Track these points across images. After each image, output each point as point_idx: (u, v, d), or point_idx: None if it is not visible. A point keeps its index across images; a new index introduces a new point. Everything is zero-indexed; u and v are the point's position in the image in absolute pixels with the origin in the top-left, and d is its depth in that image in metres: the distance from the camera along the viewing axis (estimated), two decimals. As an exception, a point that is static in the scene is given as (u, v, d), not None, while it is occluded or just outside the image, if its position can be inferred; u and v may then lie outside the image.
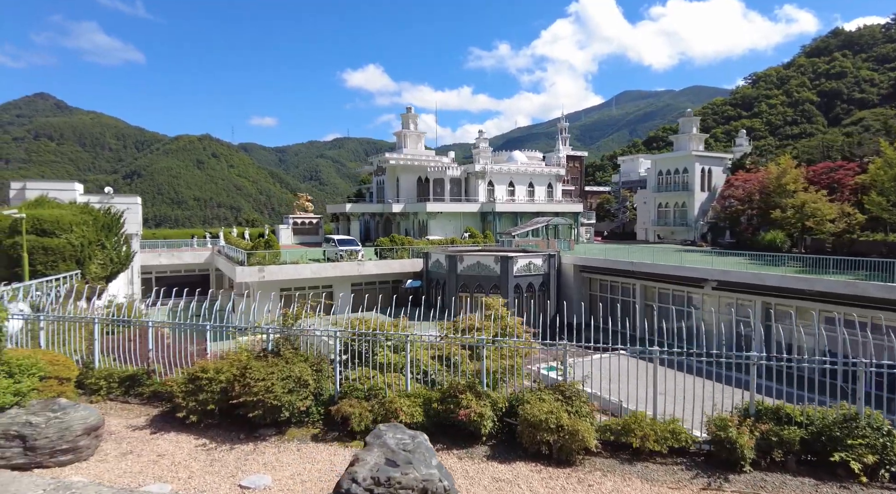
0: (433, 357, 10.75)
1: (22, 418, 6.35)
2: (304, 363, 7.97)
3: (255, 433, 7.51)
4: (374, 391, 7.91)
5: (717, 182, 58.77)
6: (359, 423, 7.26)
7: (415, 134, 56.85)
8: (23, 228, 18.80)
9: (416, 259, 36.84)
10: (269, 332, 8.51)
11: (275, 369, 7.61)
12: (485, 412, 7.04)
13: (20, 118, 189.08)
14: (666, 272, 28.69)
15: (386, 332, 8.93)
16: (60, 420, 6.39)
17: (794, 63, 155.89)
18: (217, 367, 7.73)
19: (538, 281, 31.83)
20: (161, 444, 7.13)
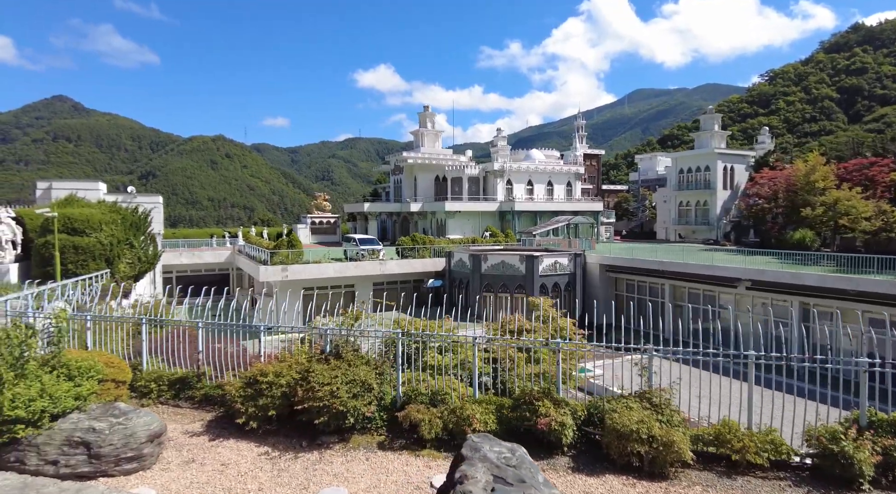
0: (486, 360, 10.37)
1: (85, 423, 6.03)
2: (366, 366, 7.58)
3: (317, 440, 7.14)
4: (439, 397, 7.49)
5: (740, 180, 57.62)
6: (429, 431, 6.84)
7: (432, 133, 56.46)
8: (55, 227, 18.71)
9: (438, 259, 36.46)
10: (327, 333, 8.13)
11: (338, 372, 7.23)
12: (566, 421, 6.59)
13: (39, 120, 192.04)
14: (697, 272, 27.97)
15: (442, 333, 8.50)
16: (124, 427, 6.06)
17: (813, 59, 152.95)
18: (276, 370, 7.37)
19: (564, 281, 31.26)
20: (222, 452, 6.77)
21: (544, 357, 9.33)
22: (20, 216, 20.35)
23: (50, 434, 5.89)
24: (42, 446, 5.80)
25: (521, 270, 30.41)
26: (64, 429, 5.95)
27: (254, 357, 8.47)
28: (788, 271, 24.25)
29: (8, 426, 5.73)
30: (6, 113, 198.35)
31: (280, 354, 8.16)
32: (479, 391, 7.89)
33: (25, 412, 5.77)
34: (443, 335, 9.00)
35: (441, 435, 6.95)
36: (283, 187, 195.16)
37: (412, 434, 7.18)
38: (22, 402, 5.80)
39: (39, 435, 5.85)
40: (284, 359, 7.86)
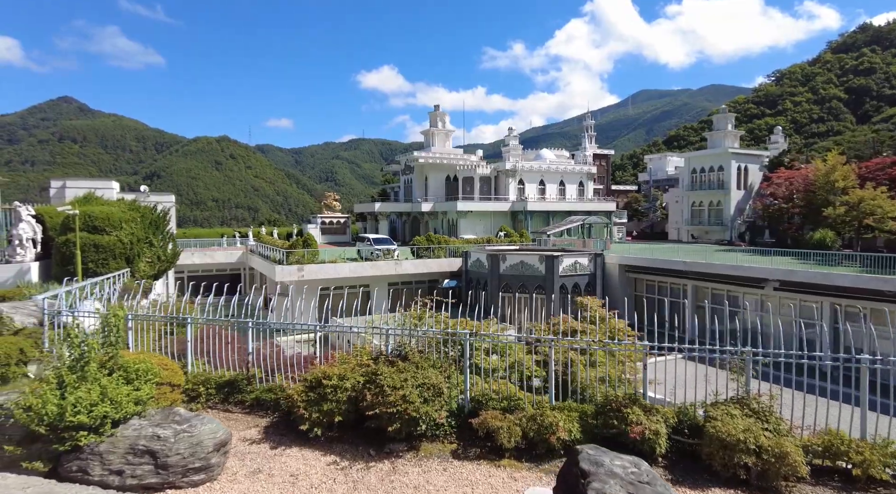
0: (538, 363, 9.91)
1: (148, 431, 5.58)
2: (434, 369, 7.11)
3: (384, 448, 6.68)
4: (513, 402, 7.03)
5: (754, 180, 57.07)
6: (508, 439, 6.37)
7: (443, 132, 56.04)
8: (76, 224, 18.30)
9: (454, 258, 36.02)
10: (387, 333, 7.67)
11: (406, 375, 6.77)
12: (660, 429, 6.11)
13: (45, 121, 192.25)
14: (722, 272, 27.43)
15: (507, 334, 8.03)
16: (190, 435, 5.61)
17: (820, 59, 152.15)
18: (339, 372, 6.91)
19: (584, 281, 30.75)
20: (288, 462, 6.32)
21: (601, 360, 8.87)
22: (40, 214, 19.96)
23: (113, 442, 5.44)
24: (105, 454, 5.36)
25: (541, 270, 29.92)
26: (127, 436, 5.50)
27: (308, 359, 8.02)
28: (820, 271, 23.70)
29: (70, 432, 5.29)
30: (12, 114, 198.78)
31: (339, 355, 7.70)
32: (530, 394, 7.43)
33: (88, 418, 5.33)
34: (514, 336, 8.55)
35: (519, 443, 6.48)
36: (288, 188, 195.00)
37: (485, 442, 6.72)
38: (84, 407, 5.36)
39: (102, 443, 5.41)
40: (347, 360, 7.40)
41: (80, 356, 5.55)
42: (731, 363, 6.75)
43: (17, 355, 8.38)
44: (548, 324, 11.08)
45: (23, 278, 17.92)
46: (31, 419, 5.17)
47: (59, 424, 5.24)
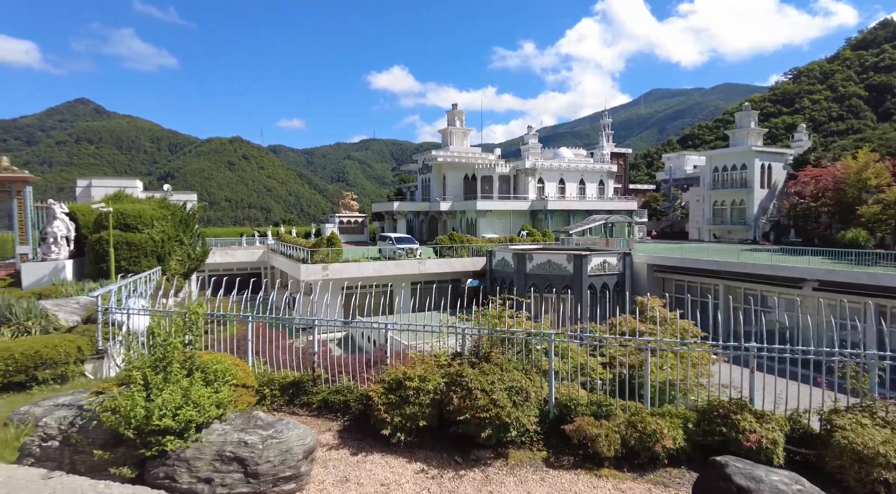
0: (604, 365, 9.46)
1: (234, 436, 5.21)
2: (519, 372, 6.69)
3: (470, 455, 6.26)
4: (603, 407, 6.57)
5: (778, 179, 55.96)
6: (608, 447, 5.92)
7: (461, 131, 55.63)
8: (110, 222, 18.16)
9: (477, 258, 35.60)
10: (464, 333, 7.25)
11: (493, 377, 6.35)
12: (777, 438, 5.63)
13: (62, 123, 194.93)
14: (757, 272, 26.70)
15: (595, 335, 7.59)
16: (278, 441, 5.23)
17: (839, 56, 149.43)
18: (420, 374, 6.51)
19: (612, 281, 30.16)
20: (374, 469, 5.92)
21: (671, 362, 8.40)
22: (73, 212, 19.88)
23: (199, 448, 5.08)
24: (192, 461, 4.99)
25: (569, 269, 29.38)
26: (213, 442, 5.14)
27: (379, 357, 7.63)
28: (865, 271, 22.92)
29: (156, 437, 4.94)
30: (31, 116, 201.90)
31: (412, 355, 7.30)
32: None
33: (174, 422, 4.97)
34: (609, 336, 8.09)
35: (619, 451, 6.03)
36: (300, 188, 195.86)
37: (577, 449, 6.27)
38: (170, 410, 5.00)
39: (188, 449, 5.04)
40: (423, 361, 6.99)
41: (163, 355, 5.20)
42: (842, 367, 6.23)
43: (75, 353, 8.11)
44: (606, 324, 10.63)
45: (58, 276, 17.81)
46: (119, 421, 4.82)
47: (145, 428, 4.89)
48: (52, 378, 7.69)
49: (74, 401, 6.58)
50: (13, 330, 10.92)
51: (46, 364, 7.49)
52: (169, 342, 5.24)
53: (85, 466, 5.04)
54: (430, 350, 7.43)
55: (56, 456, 5.08)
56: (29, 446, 5.10)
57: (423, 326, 7.37)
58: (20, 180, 20.62)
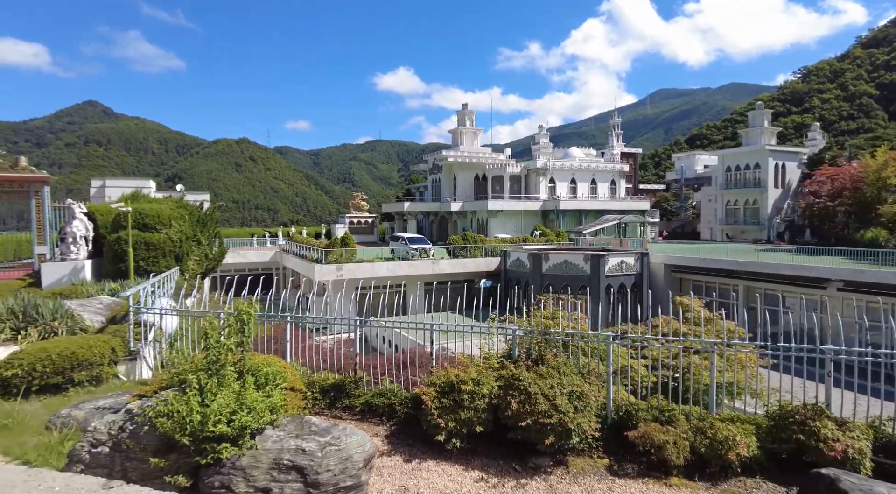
0: (647, 367, 9.16)
1: (290, 443, 4.95)
2: (576, 376, 6.39)
3: (528, 463, 5.97)
4: (665, 412, 6.27)
5: (792, 178, 55.31)
6: (677, 455, 5.62)
7: (471, 131, 55.34)
8: (129, 222, 18.01)
9: (491, 258, 35.29)
10: (514, 333, 6.97)
11: (552, 381, 6.06)
12: (864, 447, 5.30)
13: (71, 125, 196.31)
14: (779, 272, 26.24)
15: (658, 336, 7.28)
16: (337, 448, 4.96)
17: (850, 55, 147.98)
18: (474, 377, 6.22)
19: (630, 282, 29.76)
20: (431, 477, 5.64)
21: (718, 364, 8.08)
22: (91, 212, 19.76)
23: (254, 455, 4.82)
24: (248, 469, 4.73)
25: (586, 270, 29.01)
26: (269, 450, 4.87)
27: (424, 359, 7.35)
28: (893, 271, 22.41)
29: (211, 444, 4.68)
30: (41, 118, 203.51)
31: (458, 357, 7.02)
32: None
33: (229, 428, 4.72)
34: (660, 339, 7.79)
35: (690, 459, 5.71)
36: (306, 190, 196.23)
37: (640, 456, 5.97)
38: (224, 415, 4.75)
39: (243, 456, 4.79)
40: (472, 363, 6.71)
41: (216, 357, 4.95)
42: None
43: (109, 354, 7.89)
44: (645, 325, 10.31)
45: (77, 276, 17.68)
46: (174, 427, 4.57)
47: (200, 434, 4.64)
48: (86, 380, 7.47)
49: (114, 404, 6.35)
50: (40, 330, 10.75)
51: (82, 366, 7.27)
52: (222, 343, 4.99)
53: (137, 474, 4.80)
54: (462, 351, 7.14)
55: (106, 463, 4.84)
56: (78, 452, 4.86)
57: (469, 327, 7.08)
58: (38, 181, 20.53)
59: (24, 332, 10.66)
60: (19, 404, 6.48)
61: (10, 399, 6.67)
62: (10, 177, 19.63)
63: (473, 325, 7.12)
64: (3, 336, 10.50)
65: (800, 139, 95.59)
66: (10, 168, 20.12)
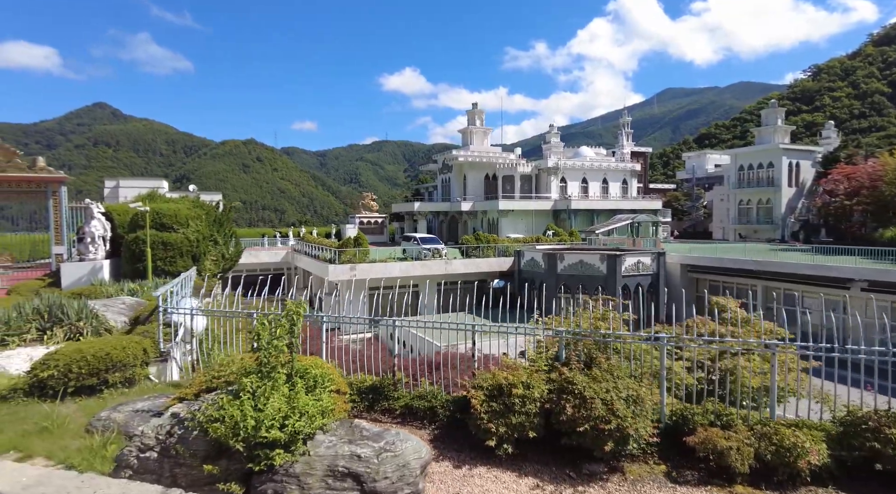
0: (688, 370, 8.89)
1: (344, 449, 4.75)
2: (630, 379, 6.15)
3: (582, 469, 5.74)
4: (722, 417, 6.01)
5: (806, 177, 54.65)
6: (742, 462, 5.37)
7: (481, 131, 55.10)
8: (147, 222, 17.93)
9: (504, 258, 35.03)
10: (563, 335, 6.73)
11: (607, 385, 5.82)
12: (943, 453, 5.03)
13: (81, 127, 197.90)
14: (800, 272, 25.78)
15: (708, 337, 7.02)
16: (393, 454, 4.75)
17: (861, 53, 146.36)
18: (524, 380, 6.00)
19: (646, 282, 29.39)
20: (484, 484, 5.43)
21: (755, 367, 7.81)
22: (109, 212, 19.72)
23: (308, 462, 4.62)
24: (302, 477, 4.54)
25: (602, 270, 28.69)
26: (322, 456, 4.68)
27: (464, 362, 7.14)
28: (920, 270, 21.95)
29: (264, 450, 4.49)
30: (51, 120, 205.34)
31: (501, 359, 6.80)
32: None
33: (283, 433, 4.52)
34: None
35: (755, 466, 5.46)
36: (313, 190, 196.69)
37: (699, 463, 5.72)
38: (277, 420, 4.56)
39: (296, 463, 4.60)
40: (516, 367, 6.48)
41: (268, 359, 4.76)
42: None
43: (141, 355, 7.74)
44: (681, 326, 10.04)
45: (96, 276, 17.63)
46: (227, 433, 4.39)
47: (253, 439, 4.45)
48: (120, 382, 7.32)
49: (152, 407, 6.18)
50: (65, 331, 10.64)
51: (116, 367, 7.12)
52: (273, 344, 4.79)
53: (186, 480, 4.62)
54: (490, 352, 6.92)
55: (155, 469, 4.66)
56: (126, 457, 4.68)
57: (514, 328, 6.85)
58: (56, 181, 20.53)
59: (50, 332, 10.56)
60: (56, 406, 6.33)
61: (46, 401, 6.53)
62: (29, 177, 19.63)
63: (517, 326, 6.90)
64: (29, 337, 10.41)
65: (810, 138, 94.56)
66: (27, 168, 20.12)
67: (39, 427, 5.69)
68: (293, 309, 5.08)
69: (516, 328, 6.93)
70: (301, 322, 5.20)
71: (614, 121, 79.32)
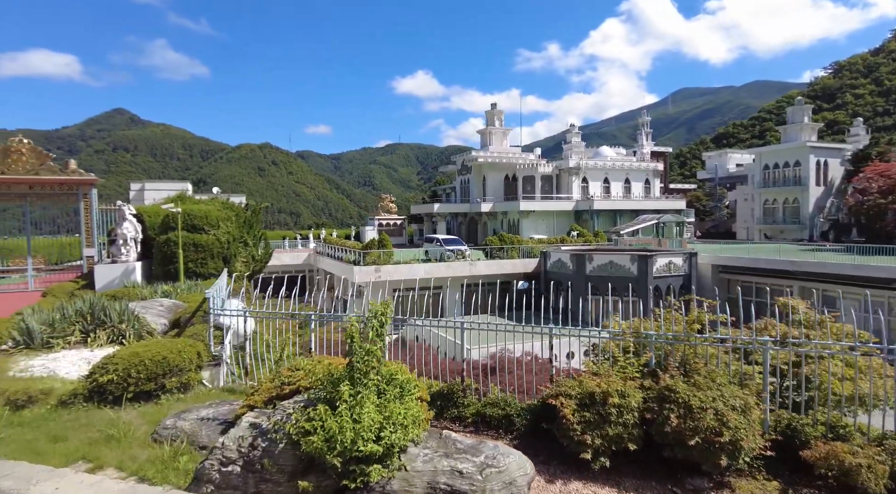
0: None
1: (443, 464, 4.32)
2: (733, 386, 5.64)
3: (685, 484, 5.25)
4: (836, 429, 5.48)
5: (835, 175, 53.22)
6: (875, 481, 4.82)
7: (500, 131, 54.62)
8: (178, 223, 17.79)
9: (528, 259, 34.48)
10: (653, 340, 6.24)
11: (712, 394, 5.32)
12: None
13: (100, 133, 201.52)
14: (841, 272, 24.83)
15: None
16: (498, 470, 4.32)
17: (884, 48, 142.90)
18: (620, 389, 5.52)
19: (678, 283, 28.61)
20: (584, 500, 4.96)
21: (835, 370, 7.22)
22: (140, 214, 19.64)
23: (406, 478, 4.21)
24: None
25: (633, 271, 27.99)
26: (421, 471, 4.26)
27: (541, 365, 6.68)
28: (974, 270, 20.97)
29: (360, 465, 4.08)
30: (72, 127, 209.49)
31: (585, 364, 6.34)
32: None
33: (379, 446, 4.12)
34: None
35: (889, 487, 4.92)
36: (328, 193, 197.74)
37: (816, 480, 5.19)
38: (373, 431, 4.15)
39: (392, 479, 4.18)
40: (603, 372, 6.01)
41: (362, 366, 4.35)
42: None
43: (195, 360, 7.41)
44: (748, 328, 9.45)
45: (128, 278, 17.52)
46: (322, 447, 3.99)
47: (349, 454, 4.05)
48: (175, 387, 6.99)
49: (216, 415, 5.83)
50: (108, 333, 10.41)
51: (173, 372, 6.81)
52: (366, 348, 4.39)
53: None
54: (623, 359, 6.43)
55: (238, 484, 4.29)
56: (207, 471, 4.31)
57: (598, 331, 6.37)
58: (87, 183, 20.52)
59: (93, 334, 10.34)
60: (117, 412, 6.01)
61: (105, 406, 6.22)
62: (62, 179, 19.64)
63: (601, 328, 6.42)
64: (73, 339, 10.19)
65: (831, 137, 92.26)
66: (60, 171, 20.15)
67: (105, 435, 5.36)
68: (381, 310, 4.67)
69: (598, 331, 6.46)
70: (388, 325, 4.79)
71: (628, 121, 78.30)
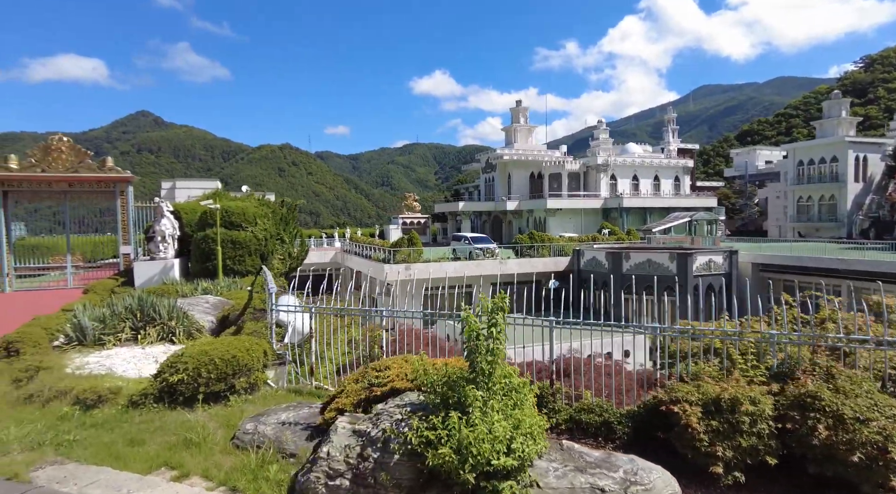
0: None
1: (578, 480, 3.78)
2: (879, 392, 4.99)
3: (829, 503, 4.60)
4: None
5: (874, 171, 51.14)
6: None
7: (525, 128, 53.86)
8: (217, 219, 17.59)
9: (559, 257, 33.76)
10: (774, 340, 5.61)
11: (863, 401, 4.68)
12: None
13: (125, 134, 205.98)
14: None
15: None
16: (644, 487, 3.77)
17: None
18: (752, 395, 4.91)
19: (718, 282, 27.58)
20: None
21: None
22: (177, 210, 19.52)
23: (540, 496, 3.68)
24: (537, 516, 3.60)
25: (672, 269, 27.07)
26: (556, 488, 3.73)
27: (646, 375, 6.09)
28: None
29: (491, 481, 3.56)
30: (98, 129, 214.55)
31: (696, 367, 5.72)
32: None
33: (512, 459, 3.59)
34: None
35: None
36: (346, 193, 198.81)
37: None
38: (504, 442, 3.63)
39: (525, 497, 3.65)
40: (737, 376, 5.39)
41: (486, 368, 3.84)
42: None
43: (262, 359, 7.00)
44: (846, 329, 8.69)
45: (167, 275, 17.36)
46: (453, 460, 3.48)
47: (480, 467, 3.53)
48: (243, 388, 6.58)
49: (297, 418, 5.38)
50: (158, 330, 10.12)
51: (241, 371, 6.40)
52: (491, 348, 3.87)
53: (389, 515, 3.74)
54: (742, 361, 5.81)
55: (348, 500, 3.80)
56: (313, 484, 3.84)
57: (722, 331, 5.75)
58: (123, 180, 20.49)
59: (143, 331, 10.05)
60: (191, 414, 5.61)
61: (175, 407, 5.82)
62: (100, 177, 19.64)
63: (715, 328, 5.80)
64: (123, 336, 9.91)
65: (863, 132, 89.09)
66: (97, 169, 20.16)
67: (184, 439, 4.95)
68: (499, 304, 4.14)
69: (723, 331, 5.83)
70: (504, 322, 4.26)
71: (648, 119, 76.70)
